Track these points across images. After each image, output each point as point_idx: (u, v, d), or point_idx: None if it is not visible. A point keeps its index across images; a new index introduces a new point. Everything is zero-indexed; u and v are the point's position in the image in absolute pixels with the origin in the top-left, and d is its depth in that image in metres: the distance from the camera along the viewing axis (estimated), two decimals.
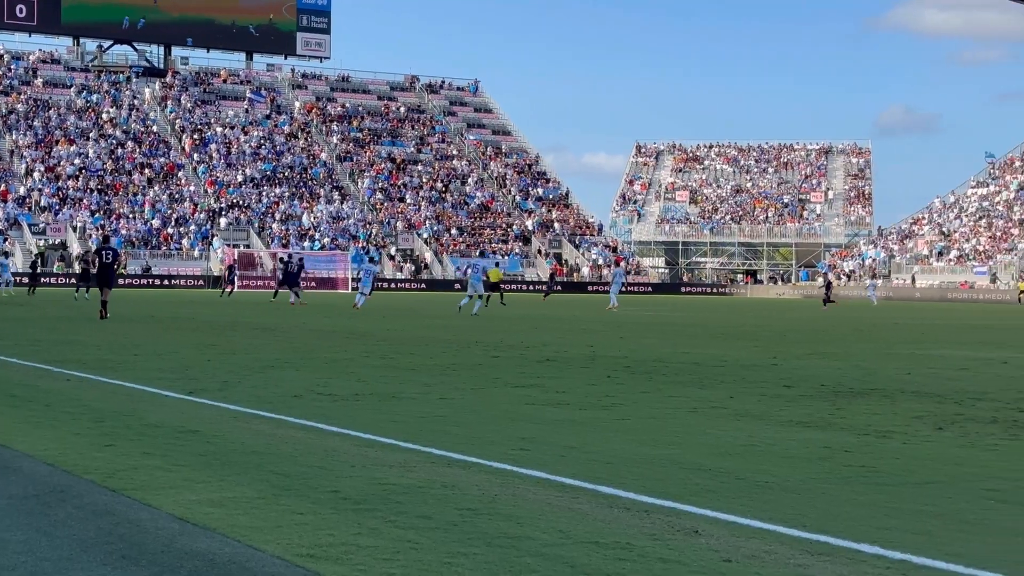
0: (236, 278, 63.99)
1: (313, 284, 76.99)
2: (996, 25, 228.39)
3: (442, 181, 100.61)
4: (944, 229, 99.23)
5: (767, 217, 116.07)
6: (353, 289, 78.61)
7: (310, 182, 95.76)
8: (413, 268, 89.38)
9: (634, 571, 5.28)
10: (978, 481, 7.63)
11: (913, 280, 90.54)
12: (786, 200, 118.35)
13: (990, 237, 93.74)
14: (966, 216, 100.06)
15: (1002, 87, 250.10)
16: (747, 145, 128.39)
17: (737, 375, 15.47)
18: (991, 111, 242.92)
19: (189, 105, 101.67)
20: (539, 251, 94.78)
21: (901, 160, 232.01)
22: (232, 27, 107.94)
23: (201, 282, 77.76)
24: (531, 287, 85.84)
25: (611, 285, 51.36)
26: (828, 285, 61.03)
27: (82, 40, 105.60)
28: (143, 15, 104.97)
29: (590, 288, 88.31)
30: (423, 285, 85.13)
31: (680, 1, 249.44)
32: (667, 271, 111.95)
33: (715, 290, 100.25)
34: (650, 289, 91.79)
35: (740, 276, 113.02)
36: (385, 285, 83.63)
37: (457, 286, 78.80)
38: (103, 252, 29.86)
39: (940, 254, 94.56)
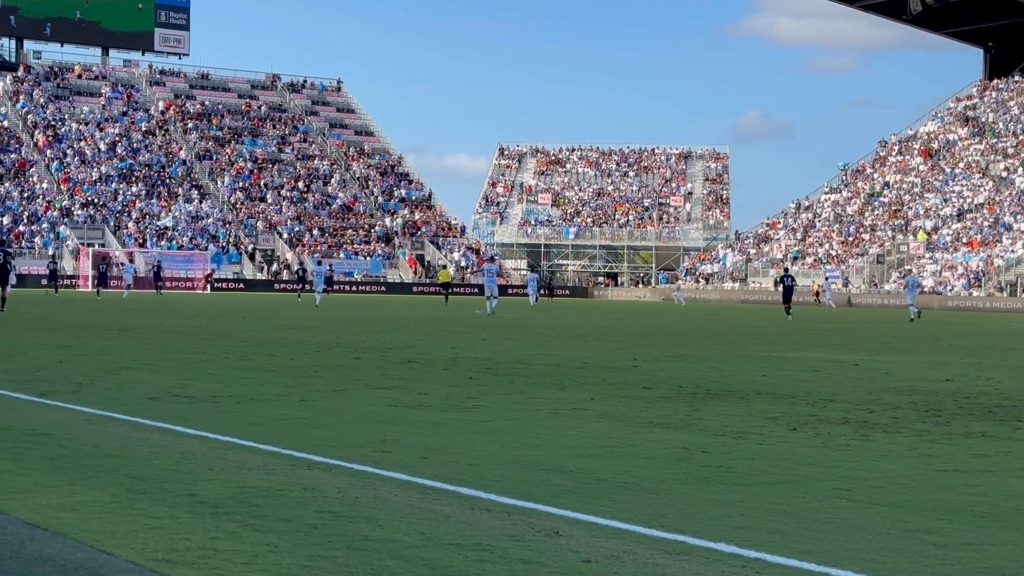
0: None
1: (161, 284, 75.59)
2: (847, 34, 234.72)
3: (304, 181, 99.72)
4: (799, 234, 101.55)
5: (628, 220, 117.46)
6: (206, 287, 77.54)
7: (168, 181, 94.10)
8: (274, 268, 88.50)
9: (495, 572, 5.30)
10: (830, 480, 7.82)
11: (776, 284, 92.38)
12: (646, 204, 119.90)
13: (842, 242, 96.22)
14: (820, 221, 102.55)
15: (853, 95, 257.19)
16: (609, 149, 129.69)
17: (598, 377, 15.62)
18: (843, 119, 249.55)
19: (42, 100, 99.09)
20: (405, 251, 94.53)
21: (757, 165, 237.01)
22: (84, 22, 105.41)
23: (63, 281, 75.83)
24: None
25: (528, 287, 58.53)
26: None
27: None
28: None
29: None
30: (293, 286, 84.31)
31: (541, 4, 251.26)
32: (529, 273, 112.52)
33: (574, 292, 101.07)
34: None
35: (601, 278, 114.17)
36: (236, 286, 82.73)
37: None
38: None
39: (795, 259, 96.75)
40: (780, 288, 46.10)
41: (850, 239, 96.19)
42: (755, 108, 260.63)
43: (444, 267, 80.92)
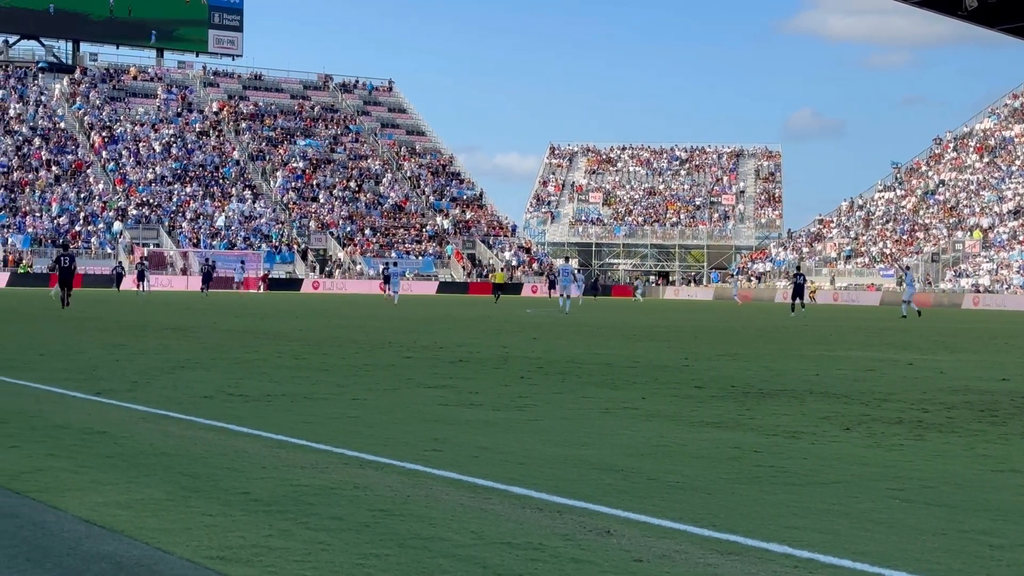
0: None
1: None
2: (900, 30, 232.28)
3: (356, 181, 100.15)
4: (852, 233, 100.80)
5: (679, 219, 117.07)
6: (260, 288, 78.05)
7: (222, 181, 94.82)
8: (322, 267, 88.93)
9: (546, 571, 5.30)
10: (883, 481, 7.76)
11: (832, 281, 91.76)
12: (698, 202, 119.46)
13: (896, 241, 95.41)
14: (873, 220, 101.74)
15: (906, 92, 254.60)
16: (660, 147, 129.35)
17: (649, 376, 15.58)
18: (896, 116, 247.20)
19: (98, 102, 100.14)
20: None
21: (809, 163, 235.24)
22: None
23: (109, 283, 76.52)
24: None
25: (559, 284, 58.84)
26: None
27: None
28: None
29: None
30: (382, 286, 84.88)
31: (592, 3, 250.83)
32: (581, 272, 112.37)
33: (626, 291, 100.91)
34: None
35: (653, 277, 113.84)
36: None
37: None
38: (62, 258, 38.50)
39: (848, 257, 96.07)
40: (791, 285, 48.61)
41: (904, 237, 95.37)
42: (807, 105, 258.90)
43: (500, 269, 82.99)
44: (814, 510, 6.73)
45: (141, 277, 61.03)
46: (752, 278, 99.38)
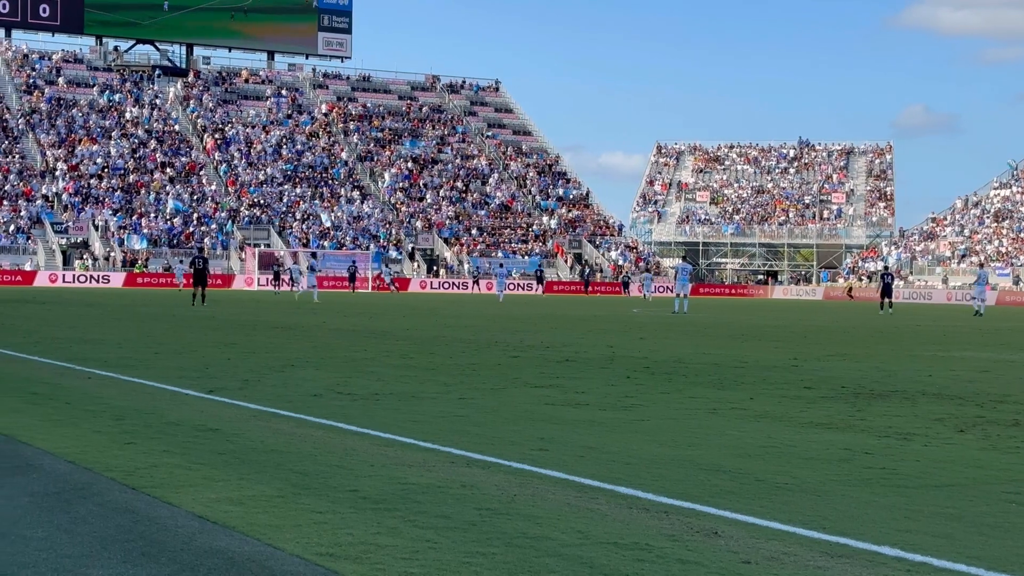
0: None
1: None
2: (1016, 24, 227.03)
3: (463, 181, 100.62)
4: (966, 231, 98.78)
5: (788, 218, 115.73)
6: (378, 288, 78.75)
7: (331, 182, 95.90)
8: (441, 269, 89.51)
9: (653, 572, 5.28)
10: (999, 484, 7.60)
11: (945, 281, 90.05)
12: (807, 201, 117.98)
13: (1013, 239, 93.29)
14: (988, 218, 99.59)
15: (1022, 86, 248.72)
16: (768, 145, 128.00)
17: (757, 376, 15.43)
18: (1012, 111, 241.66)
19: (211, 104, 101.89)
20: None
21: (922, 160, 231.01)
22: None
23: (219, 281, 77.63)
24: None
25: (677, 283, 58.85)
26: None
27: (105, 40, 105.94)
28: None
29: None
30: (459, 286, 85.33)
31: (697, 1, 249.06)
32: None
33: (733, 291, 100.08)
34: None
35: (761, 277, 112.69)
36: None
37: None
38: (197, 260, 43.20)
39: (963, 256, 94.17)
40: (880, 284, 51.39)
41: (1021, 235, 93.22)
42: (918, 101, 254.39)
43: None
44: (927, 513, 6.61)
45: (294, 280, 62.52)
46: (863, 277, 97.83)
